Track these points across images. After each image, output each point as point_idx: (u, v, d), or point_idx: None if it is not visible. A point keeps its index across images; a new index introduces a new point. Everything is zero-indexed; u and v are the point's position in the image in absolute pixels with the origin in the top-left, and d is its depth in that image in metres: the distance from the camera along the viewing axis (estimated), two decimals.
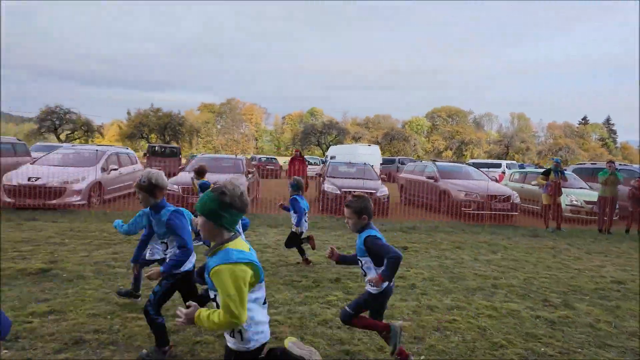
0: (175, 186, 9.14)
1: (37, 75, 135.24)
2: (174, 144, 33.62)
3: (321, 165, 27.03)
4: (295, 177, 5.73)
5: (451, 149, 72.43)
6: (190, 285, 2.98)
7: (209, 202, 1.78)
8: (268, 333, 1.88)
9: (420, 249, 6.76)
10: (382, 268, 2.64)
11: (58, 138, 37.01)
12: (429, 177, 11.82)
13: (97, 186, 9.73)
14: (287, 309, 3.84)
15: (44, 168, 9.20)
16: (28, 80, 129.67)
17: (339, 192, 10.15)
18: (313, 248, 5.59)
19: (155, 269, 2.82)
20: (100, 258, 5.25)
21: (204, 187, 6.47)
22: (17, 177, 8.81)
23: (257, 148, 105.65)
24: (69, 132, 38.06)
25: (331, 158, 27.59)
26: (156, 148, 23.23)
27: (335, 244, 6.76)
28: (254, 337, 1.80)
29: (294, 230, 5.42)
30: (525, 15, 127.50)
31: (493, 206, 10.14)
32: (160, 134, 39.77)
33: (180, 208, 3.07)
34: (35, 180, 8.75)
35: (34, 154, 22.96)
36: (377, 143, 41.93)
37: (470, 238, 7.94)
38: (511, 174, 14.50)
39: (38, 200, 8.67)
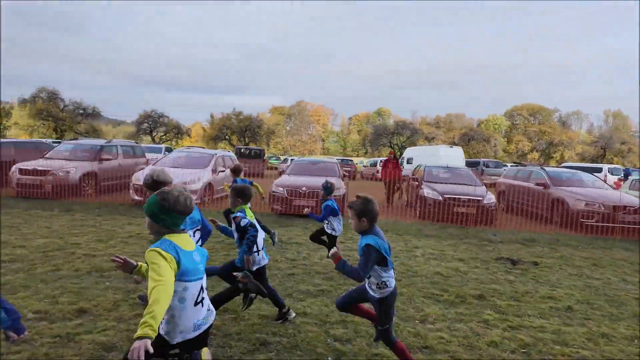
0: (281, 188, 9.49)
1: (128, 81, 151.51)
2: (253, 146, 35.41)
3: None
4: (328, 179, 5.62)
5: (537, 151, 66.65)
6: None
7: (152, 205, 1.95)
8: (194, 334, 1.97)
9: (552, 265, 6.21)
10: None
11: (153, 140, 40.93)
12: (537, 184, 10.90)
13: (209, 187, 10.49)
14: (446, 326, 3.72)
15: (165, 170, 10.11)
16: (122, 87, 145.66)
17: (440, 198, 9.79)
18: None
19: None
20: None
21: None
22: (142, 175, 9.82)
23: (323, 149, 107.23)
24: (162, 134, 41.95)
25: (408, 161, 26.85)
26: (242, 150, 24.56)
27: (448, 254, 6.49)
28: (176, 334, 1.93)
29: (333, 234, 5.23)
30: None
31: (621, 218, 9.02)
32: (241, 136, 42.02)
33: None
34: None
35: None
36: (454, 144, 40.02)
37: (604, 254, 7.13)
38: (632, 181, 12.84)
39: None
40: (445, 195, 9.76)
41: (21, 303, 3.63)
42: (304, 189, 9.26)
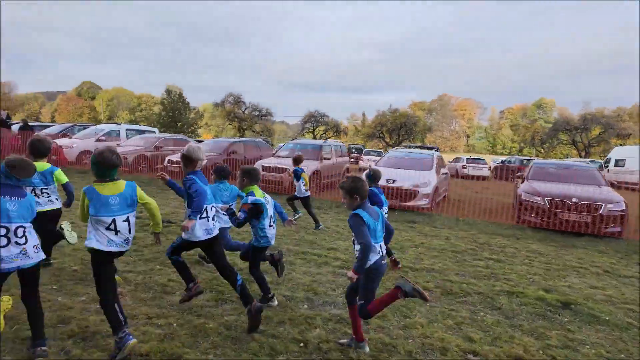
0: (538, 197, 8.30)
1: (277, 86, 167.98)
2: (414, 143, 34.54)
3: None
4: (373, 167, 5.29)
5: None
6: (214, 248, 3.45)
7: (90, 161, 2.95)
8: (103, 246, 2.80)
9: None
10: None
11: (314, 137, 43.95)
12: None
13: (436, 190, 10.02)
14: None
15: (396, 171, 10.02)
16: (274, 91, 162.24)
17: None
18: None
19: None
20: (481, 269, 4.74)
21: (297, 174, 7.21)
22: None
23: (467, 145, 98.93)
24: (322, 132, 44.78)
25: (616, 163, 21.93)
26: (411, 148, 23.98)
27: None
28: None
29: None
30: None
31: None
32: (395, 133, 41.67)
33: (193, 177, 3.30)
34: (392, 183, 9.59)
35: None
36: None
37: None
38: None
39: (393, 201, 9.49)
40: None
41: None
42: (574, 200, 7.83)
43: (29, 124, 18.10)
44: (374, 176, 5.07)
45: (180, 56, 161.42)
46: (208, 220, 3.35)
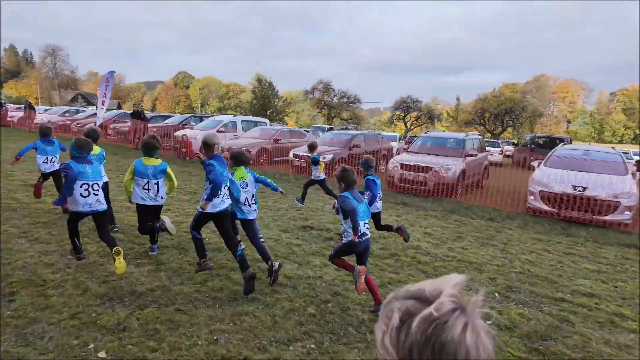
0: None
1: (352, 70, 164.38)
2: (542, 133, 30.64)
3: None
4: (366, 155, 5.46)
5: None
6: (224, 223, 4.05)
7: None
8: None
9: None
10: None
11: (405, 125, 41.79)
12: None
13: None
14: None
15: (583, 175, 8.17)
16: (349, 75, 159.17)
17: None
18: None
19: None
20: None
21: (314, 160, 7.49)
22: (558, 184, 8.13)
23: (567, 132, 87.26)
24: (414, 119, 42.36)
25: None
26: (538, 139, 20.92)
27: None
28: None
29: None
30: None
31: None
32: (499, 120, 37.68)
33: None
34: (582, 190, 7.80)
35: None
36: None
37: None
38: None
39: (581, 213, 7.71)
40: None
41: None
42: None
43: (145, 113, 19.11)
44: (368, 164, 5.25)
45: (263, 45, 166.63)
46: (218, 198, 3.94)
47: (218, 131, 16.29)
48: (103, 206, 4.12)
